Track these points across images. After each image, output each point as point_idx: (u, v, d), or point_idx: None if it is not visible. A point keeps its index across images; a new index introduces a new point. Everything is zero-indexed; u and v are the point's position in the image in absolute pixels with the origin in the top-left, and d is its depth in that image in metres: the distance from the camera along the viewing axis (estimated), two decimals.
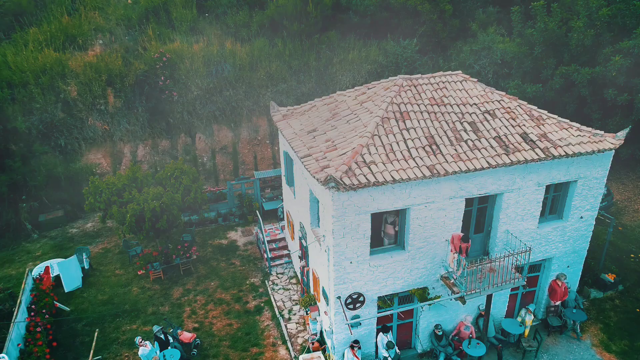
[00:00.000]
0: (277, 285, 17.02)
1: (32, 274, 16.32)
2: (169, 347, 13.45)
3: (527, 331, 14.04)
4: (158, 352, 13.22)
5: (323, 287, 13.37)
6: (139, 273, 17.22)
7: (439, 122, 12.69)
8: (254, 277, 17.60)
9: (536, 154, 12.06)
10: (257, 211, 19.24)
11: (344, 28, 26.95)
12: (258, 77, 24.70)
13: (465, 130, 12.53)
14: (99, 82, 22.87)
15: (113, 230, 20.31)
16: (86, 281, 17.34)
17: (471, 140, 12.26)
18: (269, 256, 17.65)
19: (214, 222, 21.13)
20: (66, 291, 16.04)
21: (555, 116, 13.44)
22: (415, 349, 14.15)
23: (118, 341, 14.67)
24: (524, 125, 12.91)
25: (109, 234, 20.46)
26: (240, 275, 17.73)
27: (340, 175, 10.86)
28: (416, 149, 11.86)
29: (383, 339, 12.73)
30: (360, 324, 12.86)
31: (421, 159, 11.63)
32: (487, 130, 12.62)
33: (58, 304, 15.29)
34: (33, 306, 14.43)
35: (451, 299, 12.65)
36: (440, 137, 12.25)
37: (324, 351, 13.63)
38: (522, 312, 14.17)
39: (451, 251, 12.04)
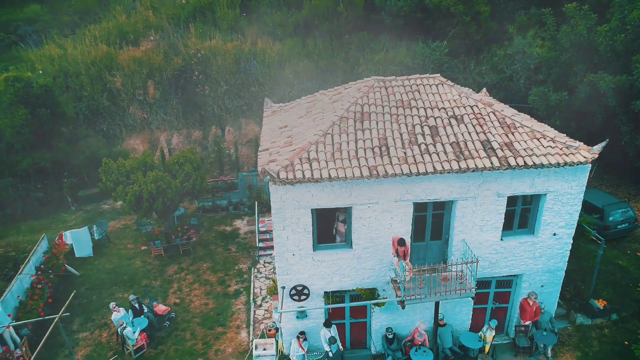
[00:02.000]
0: (260, 273, 17.82)
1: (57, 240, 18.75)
2: (142, 316, 14.82)
3: (487, 347, 13.45)
4: (131, 319, 14.63)
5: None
6: (141, 248, 18.98)
7: (399, 125, 12.63)
8: (243, 263, 18.57)
9: (491, 162, 11.58)
10: (255, 202, 20.19)
11: (377, 28, 26.98)
12: (284, 75, 25.61)
13: (422, 134, 12.35)
14: (141, 75, 25.19)
15: None
16: (101, 251, 19.46)
17: (425, 144, 12.08)
18: (259, 245, 18.51)
19: (225, 210, 22.45)
20: (77, 256, 18.17)
21: (532, 125, 12.70)
22: (369, 349, 14.19)
23: (107, 306, 16.38)
24: (489, 132, 12.41)
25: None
26: (232, 260, 18.79)
27: (279, 169, 11.36)
28: (364, 150, 11.95)
29: (326, 333, 12.98)
30: (307, 315, 13.25)
31: (366, 159, 11.71)
32: (447, 135, 12.32)
33: (66, 267, 17.40)
34: (42, 266, 16.63)
35: (396, 302, 12.56)
36: (394, 140, 12.20)
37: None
38: (484, 327, 13.59)
39: (392, 254, 12.00)
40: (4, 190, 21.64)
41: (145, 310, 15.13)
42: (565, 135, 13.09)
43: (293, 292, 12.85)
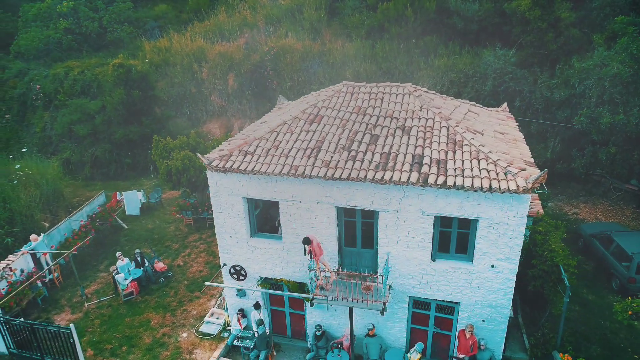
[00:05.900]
0: None
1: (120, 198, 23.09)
2: (140, 269, 17.68)
3: None
4: (130, 269, 17.59)
5: None
6: (174, 215, 22.12)
7: (343, 130, 12.88)
8: None
9: (409, 177, 11.19)
10: None
11: (448, 33, 25.92)
12: (344, 76, 26.38)
13: (360, 142, 12.42)
14: (223, 68, 28.60)
15: None
16: (150, 213, 23.23)
17: (355, 151, 12.16)
18: None
19: None
20: (126, 214, 22.17)
21: (481, 145, 11.73)
22: (307, 342, 14.71)
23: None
24: (429, 147, 11.89)
25: None
26: None
27: (214, 157, 12.75)
28: (297, 150, 12.57)
29: (255, 315, 14.00)
30: (245, 294, 14.42)
31: (293, 158, 12.33)
32: (383, 146, 12.20)
33: (117, 220, 21.34)
34: (94, 215, 20.77)
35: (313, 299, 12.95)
36: (330, 144, 12.53)
37: None
38: (412, 349, 13.03)
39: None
40: (103, 154, 27.05)
41: (147, 264, 17.95)
42: (526, 160, 11.82)
43: (232, 271, 14.15)
